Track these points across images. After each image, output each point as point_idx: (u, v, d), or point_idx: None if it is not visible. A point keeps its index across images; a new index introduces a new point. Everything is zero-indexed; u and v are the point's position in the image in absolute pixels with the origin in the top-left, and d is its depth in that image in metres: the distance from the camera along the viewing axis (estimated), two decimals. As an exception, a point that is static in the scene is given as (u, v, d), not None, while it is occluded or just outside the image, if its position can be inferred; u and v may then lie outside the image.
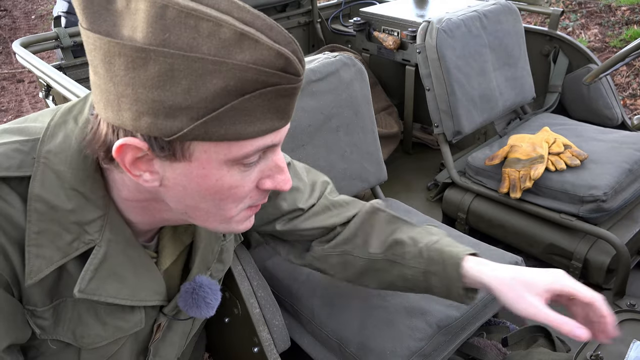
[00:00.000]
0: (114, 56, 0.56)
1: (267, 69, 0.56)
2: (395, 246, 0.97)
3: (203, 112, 0.56)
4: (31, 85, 4.44)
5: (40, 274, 0.67)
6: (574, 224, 1.65)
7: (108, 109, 0.59)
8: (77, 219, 0.68)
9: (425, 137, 2.56)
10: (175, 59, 0.54)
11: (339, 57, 1.46)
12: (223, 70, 0.55)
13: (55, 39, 2.09)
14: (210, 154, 0.61)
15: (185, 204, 0.67)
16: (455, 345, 1.21)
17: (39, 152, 0.67)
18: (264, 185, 0.69)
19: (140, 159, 0.62)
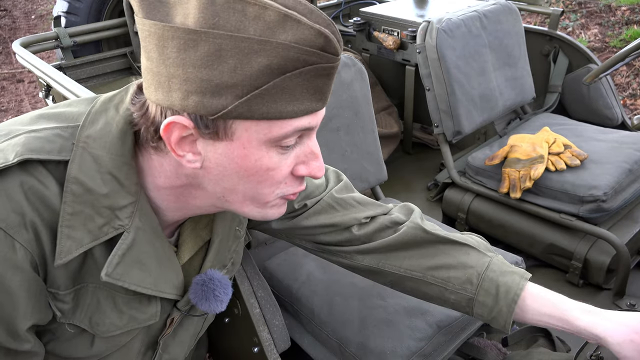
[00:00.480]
0: (167, 40, 0.60)
1: (308, 47, 0.60)
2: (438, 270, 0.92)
3: (247, 89, 0.60)
4: (31, 85, 4.44)
5: (69, 255, 0.68)
6: (574, 224, 1.65)
7: (159, 90, 0.64)
8: (110, 203, 0.70)
9: (425, 137, 2.56)
10: (224, 40, 0.58)
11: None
12: (267, 49, 0.59)
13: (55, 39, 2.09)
14: (251, 133, 0.64)
15: (223, 187, 0.70)
16: (456, 345, 1.21)
17: (79, 136, 0.69)
18: (298, 172, 0.72)
19: (185, 138, 0.65)
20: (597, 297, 1.66)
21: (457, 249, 0.93)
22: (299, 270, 1.30)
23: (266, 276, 1.20)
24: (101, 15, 2.76)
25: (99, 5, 2.75)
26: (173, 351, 0.92)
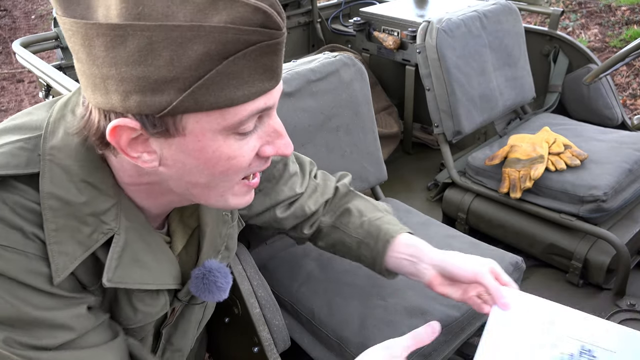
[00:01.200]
0: (92, 38, 0.55)
1: (247, 26, 0.55)
2: (342, 216, 1.08)
3: (189, 81, 0.56)
4: (31, 85, 4.44)
5: (66, 271, 0.67)
6: (574, 224, 1.65)
7: (96, 93, 0.59)
8: (92, 210, 0.68)
9: (425, 137, 2.56)
10: (153, 31, 0.53)
11: (339, 57, 1.46)
12: (202, 35, 0.54)
13: (55, 39, 2.09)
14: (203, 125, 0.60)
15: (185, 181, 0.67)
16: (455, 345, 1.21)
17: (43, 149, 0.67)
18: (264, 153, 0.68)
19: (135, 139, 0.61)
20: (597, 297, 1.66)
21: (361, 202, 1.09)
22: (299, 270, 1.30)
23: (266, 276, 1.20)
24: (101, 15, 2.76)
25: (99, 5, 2.74)
26: (177, 342, 0.93)
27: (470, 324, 1.23)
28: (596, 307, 1.62)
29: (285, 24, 0.59)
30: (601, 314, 1.56)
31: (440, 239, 1.33)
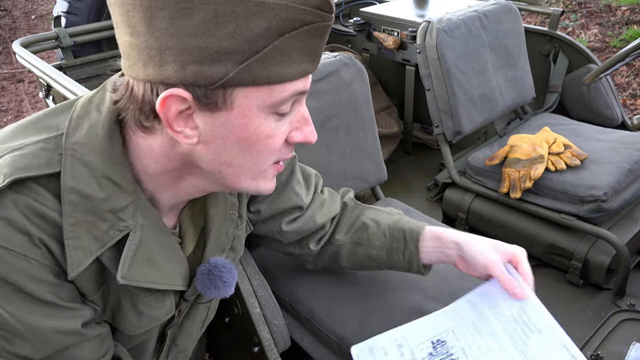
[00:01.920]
0: (155, 10, 0.57)
1: (305, 6, 0.59)
2: (360, 231, 1.07)
3: (247, 54, 0.59)
4: (31, 85, 4.44)
5: (81, 265, 0.68)
6: (574, 224, 1.65)
7: (149, 65, 0.60)
8: (111, 206, 0.69)
9: (425, 137, 2.56)
10: (219, 5, 0.56)
11: (339, 57, 1.46)
12: (265, 11, 0.57)
13: (55, 39, 2.09)
14: (251, 100, 0.63)
15: (220, 161, 0.68)
16: (455, 345, 1.21)
17: (65, 145, 0.68)
18: (293, 138, 0.71)
19: (181, 112, 0.63)
20: (597, 297, 1.66)
21: (373, 213, 1.09)
22: (299, 270, 1.30)
23: (266, 276, 1.20)
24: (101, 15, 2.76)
25: (99, 5, 2.75)
26: (181, 343, 0.93)
27: (470, 324, 1.22)
28: (596, 307, 1.62)
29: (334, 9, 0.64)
30: (601, 314, 1.56)
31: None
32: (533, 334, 0.88)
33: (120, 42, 0.64)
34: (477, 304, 0.95)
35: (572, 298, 1.66)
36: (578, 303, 1.65)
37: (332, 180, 1.41)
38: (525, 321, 0.90)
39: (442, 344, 0.92)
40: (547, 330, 0.88)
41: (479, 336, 0.91)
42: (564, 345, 0.87)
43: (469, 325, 0.93)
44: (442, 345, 0.92)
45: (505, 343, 0.89)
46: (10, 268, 0.64)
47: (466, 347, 0.90)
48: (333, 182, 1.43)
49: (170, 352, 0.93)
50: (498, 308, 0.92)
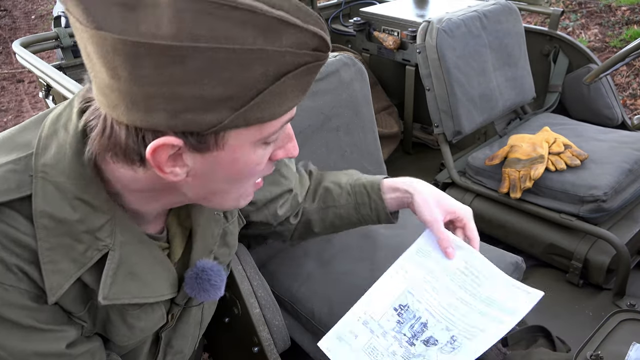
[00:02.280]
0: (141, 57, 0.53)
1: (304, 50, 0.57)
2: (324, 195, 1.11)
3: (243, 100, 0.57)
4: (31, 85, 4.44)
5: (60, 289, 0.67)
6: (574, 224, 1.65)
7: (133, 111, 0.57)
8: (86, 227, 0.67)
9: (425, 137, 2.56)
10: (215, 52, 0.53)
11: (339, 57, 1.46)
12: (263, 57, 0.55)
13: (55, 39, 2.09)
14: (243, 138, 0.62)
15: (207, 191, 0.68)
16: (455, 345, 1.21)
17: (35, 167, 0.66)
18: (277, 156, 0.71)
19: (171, 156, 0.61)
20: (597, 297, 1.66)
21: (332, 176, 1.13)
22: (299, 270, 1.30)
23: (266, 276, 1.20)
24: (101, 15, 2.76)
25: (99, 5, 2.74)
26: (177, 344, 0.93)
27: (470, 324, 1.22)
28: (596, 307, 1.62)
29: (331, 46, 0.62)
30: (601, 313, 1.56)
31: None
32: (482, 281, 0.95)
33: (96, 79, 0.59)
34: (421, 261, 0.98)
35: (572, 298, 1.66)
36: (578, 303, 1.65)
37: (332, 180, 1.42)
38: (472, 272, 0.96)
39: (405, 309, 0.95)
40: (494, 276, 0.96)
41: (436, 294, 0.95)
42: (513, 284, 0.96)
43: (421, 283, 0.97)
44: (406, 310, 0.94)
45: (461, 295, 0.94)
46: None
47: (429, 307, 0.94)
48: (333, 182, 1.43)
49: (167, 354, 0.92)
50: (443, 263, 0.97)
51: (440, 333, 0.91)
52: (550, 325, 1.41)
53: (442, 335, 0.91)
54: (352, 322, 0.95)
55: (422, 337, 0.92)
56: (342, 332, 0.95)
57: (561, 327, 1.46)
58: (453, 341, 0.90)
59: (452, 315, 0.93)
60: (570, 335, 1.41)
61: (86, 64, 0.59)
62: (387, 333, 0.93)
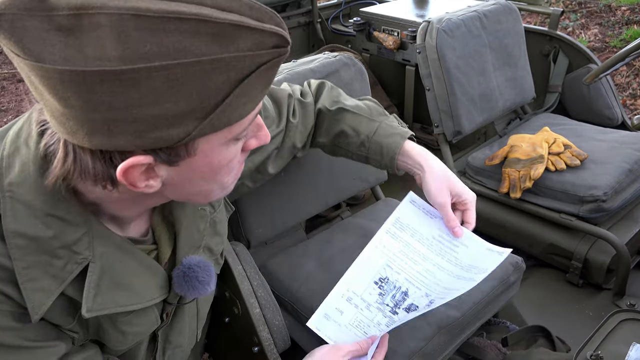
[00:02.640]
0: (93, 85, 0.50)
1: (263, 50, 0.55)
2: (340, 137, 1.12)
3: (207, 110, 0.55)
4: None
5: (43, 306, 0.66)
6: (574, 224, 1.65)
7: (95, 136, 0.54)
8: (62, 243, 0.65)
9: (425, 137, 2.56)
10: (170, 69, 0.50)
11: (339, 57, 1.45)
12: (221, 66, 0.53)
13: (55, 39, 2.09)
14: (213, 142, 0.61)
15: (187, 193, 0.68)
16: (456, 345, 1.21)
17: (2, 187, 0.64)
18: (250, 146, 0.71)
19: (143, 171, 0.60)
20: (597, 297, 1.66)
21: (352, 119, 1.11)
22: (299, 270, 1.30)
23: (266, 276, 1.20)
24: (101, 15, 2.76)
25: (99, 5, 2.74)
26: (175, 340, 0.92)
27: (470, 324, 1.22)
28: (596, 307, 1.62)
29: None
30: (601, 313, 1.56)
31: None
32: (458, 247, 1.01)
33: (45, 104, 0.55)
34: (398, 234, 1.04)
35: (572, 298, 1.66)
36: (578, 303, 1.65)
37: (332, 179, 1.41)
38: (448, 238, 1.02)
39: (386, 281, 1.01)
40: (469, 241, 1.01)
41: (414, 263, 1.01)
42: (487, 248, 1.00)
43: (399, 255, 1.02)
44: (386, 282, 1.01)
45: (438, 261, 1.00)
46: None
47: (408, 277, 1.00)
48: (333, 181, 1.43)
49: (166, 349, 0.92)
50: (418, 234, 1.03)
51: (420, 300, 0.98)
52: (550, 325, 1.41)
53: (422, 301, 0.98)
54: (336, 299, 1.01)
55: (404, 305, 0.99)
56: (328, 310, 1.01)
57: (561, 327, 1.46)
58: (430, 303, 0.96)
59: (430, 282, 0.99)
60: (570, 335, 1.41)
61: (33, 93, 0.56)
62: (370, 305, 1.00)
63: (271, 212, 1.34)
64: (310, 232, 1.53)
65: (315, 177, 1.40)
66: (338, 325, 1.00)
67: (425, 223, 1.04)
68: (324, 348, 0.97)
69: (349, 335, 0.99)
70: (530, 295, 1.66)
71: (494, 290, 1.25)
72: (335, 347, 0.96)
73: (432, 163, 1.03)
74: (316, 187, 1.40)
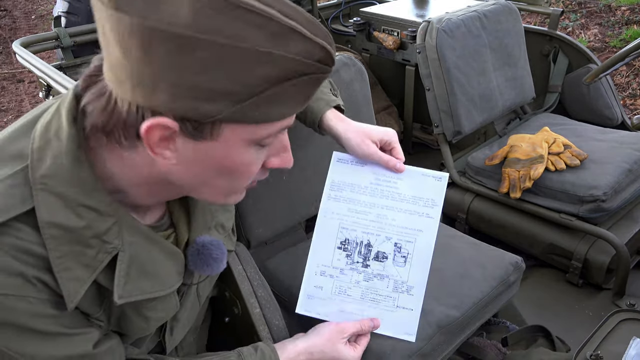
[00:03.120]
0: (155, 41, 0.55)
1: (309, 60, 0.60)
2: None
3: (244, 97, 0.59)
4: (31, 85, 4.43)
5: (77, 295, 0.69)
6: (574, 224, 1.65)
7: (138, 90, 0.59)
8: (94, 232, 0.68)
9: (425, 137, 2.56)
10: (225, 48, 0.56)
11: (339, 57, 1.45)
12: (269, 60, 0.58)
13: (55, 39, 2.09)
14: (237, 134, 0.64)
15: (198, 181, 0.70)
16: (455, 345, 1.21)
17: (34, 179, 0.66)
18: (271, 164, 0.75)
19: (164, 137, 0.63)
20: (597, 297, 1.66)
21: None
22: (299, 270, 1.30)
23: (266, 276, 1.20)
24: (101, 15, 2.75)
25: (99, 5, 2.73)
26: (183, 318, 0.95)
27: (470, 324, 1.23)
28: (596, 307, 1.62)
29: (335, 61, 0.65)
30: (601, 313, 1.56)
31: (439, 239, 1.33)
32: (397, 182, 1.06)
33: (107, 53, 0.61)
34: (337, 195, 1.08)
35: (572, 298, 1.66)
36: (578, 303, 1.65)
37: (332, 180, 1.41)
38: (384, 178, 1.06)
39: (347, 242, 1.06)
40: (405, 174, 1.07)
41: (364, 214, 1.06)
42: (422, 173, 1.07)
43: (347, 214, 1.07)
44: (347, 243, 1.06)
45: (384, 203, 1.05)
46: (12, 312, 0.65)
47: (363, 229, 1.06)
48: (333, 182, 1.43)
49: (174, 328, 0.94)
50: (356, 186, 1.07)
51: (383, 245, 1.05)
52: (550, 325, 1.41)
53: (386, 246, 1.04)
54: (311, 278, 1.07)
55: (372, 255, 1.05)
56: (309, 291, 1.07)
57: (561, 327, 1.46)
58: (399, 249, 1.04)
59: (385, 225, 1.05)
60: (570, 335, 1.42)
61: (100, 41, 0.62)
62: (343, 270, 1.06)
63: (271, 212, 1.34)
64: (310, 232, 1.53)
65: (315, 177, 1.40)
66: (323, 300, 1.06)
67: (358, 174, 1.07)
68: (330, 325, 1.03)
69: (336, 303, 1.06)
70: (530, 295, 1.66)
71: (493, 290, 1.25)
72: (339, 328, 1.02)
73: (345, 126, 1.06)
74: (316, 187, 1.40)
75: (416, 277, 1.04)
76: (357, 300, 1.05)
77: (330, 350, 1.00)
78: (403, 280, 1.04)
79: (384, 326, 1.05)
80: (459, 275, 1.25)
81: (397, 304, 1.05)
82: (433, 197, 1.04)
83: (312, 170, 1.39)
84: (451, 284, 1.21)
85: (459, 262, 1.28)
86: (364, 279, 1.05)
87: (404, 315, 1.04)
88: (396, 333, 1.05)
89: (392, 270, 1.05)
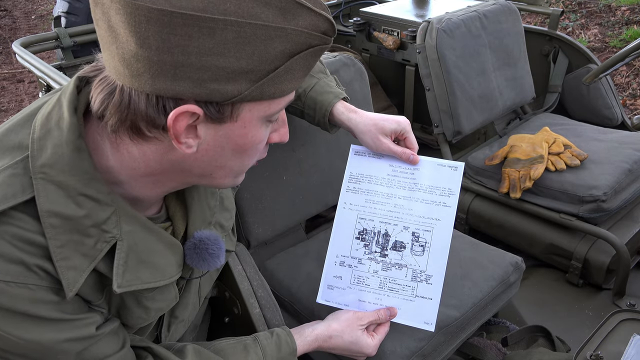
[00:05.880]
0: (175, 27, 0.56)
1: (316, 32, 0.64)
2: None
3: (262, 74, 0.62)
4: (31, 85, 4.44)
5: (77, 284, 0.69)
6: (574, 224, 1.65)
7: (159, 79, 0.60)
8: (93, 222, 0.69)
9: (425, 137, 2.56)
10: (243, 27, 0.58)
11: (339, 57, 1.45)
12: (283, 35, 0.61)
13: (56, 39, 2.09)
14: (254, 112, 0.67)
15: (214, 165, 0.71)
16: (455, 345, 1.21)
17: (34, 168, 0.67)
18: (272, 139, 0.78)
19: (190, 125, 0.64)
20: (597, 297, 1.66)
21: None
22: (299, 270, 1.30)
23: (266, 276, 1.20)
24: (101, 15, 2.75)
25: (99, 5, 2.73)
26: (180, 314, 0.95)
27: (470, 324, 1.23)
28: (596, 307, 1.62)
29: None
30: (601, 313, 1.57)
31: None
32: (413, 173, 1.07)
33: (118, 50, 0.61)
34: (356, 187, 1.10)
35: (572, 298, 1.66)
36: (578, 303, 1.65)
37: (332, 179, 1.41)
38: (401, 169, 1.08)
39: (364, 233, 1.08)
40: (421, 164, 1.07)
41: (381, 205, 1.08)
42: (438, 163, 1.07)
43: (365, 205, 1.09)
44: (365, 233, 1.08)
45: (401, 193, 1.07)
46: (14, 299, 0.65)
47: (381, 219, 1.07)
48: (333, 181, 1.43)
49: (171, 324, 0.94)
50: (374, 177, 1.09)
51: (401, 235, 1.06)
52: (550, 325, 1.41)
53: (404, 236, 1.06)
54: (331, 269, 1.09)
55: (389, 245, 1.06)
56: (329, 281, 1.09)
57: (561, 327, 1.46)
58: (417, 238, 1.05)
59: (402, 214, 1.06)
60: (570, 335, 1.42)
61: (105, 38, 0.62)
62: (361, 260, 1.07)
63: (271, 212, 1.34)
64: (310, 232, 1.53)
65: (315, 177, 1.40)
66: (342, 290, 1.08)
67: (375, 166, 1.10)
68: (349, 312, 1.05)
69: (354, 293, 1.07)
70: (530, 295, 1.66)
71: (493, 290, 1.25)
72: (358, 315, 1.04)
73: (357, 118, 1.08)
74: (316, 187, 1.41)
75: (435, 266, 1.04)
76: (375, 290, 1.06)
77: (349, 335, 1.02)
78: (422, 269, 1.04)
79: (403, 315, 1.05)
80: (459, 276, 1.25)
81: (416, 293, 1.05)
82: (450, 186, 1.05)
83: (312, 169, 1.39)
84: (451, 284, 1.21)
85: (458, 262, 1.28)
86: (382, 269, 1.06)
87: (423, 304, 1.04)
88: (415, 322, 1.05)
89: (410, 260, 1.05)
